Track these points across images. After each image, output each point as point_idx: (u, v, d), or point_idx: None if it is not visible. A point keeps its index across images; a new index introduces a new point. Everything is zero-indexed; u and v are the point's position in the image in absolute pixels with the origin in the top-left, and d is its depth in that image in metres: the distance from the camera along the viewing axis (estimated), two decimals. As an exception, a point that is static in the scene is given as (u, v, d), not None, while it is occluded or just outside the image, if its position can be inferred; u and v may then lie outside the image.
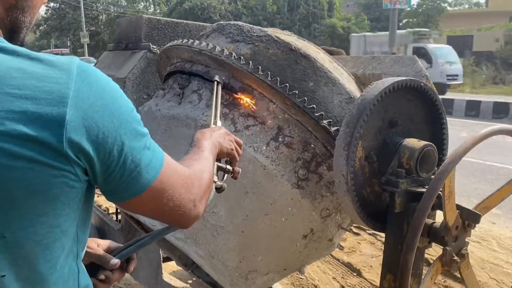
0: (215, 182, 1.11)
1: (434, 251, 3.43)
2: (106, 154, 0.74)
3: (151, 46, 2.81)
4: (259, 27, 2.02)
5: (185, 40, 1.96)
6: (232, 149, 1.23)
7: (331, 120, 1.75)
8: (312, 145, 1.79)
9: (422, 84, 1.69)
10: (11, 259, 0.73)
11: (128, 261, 1.06)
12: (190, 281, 3.02)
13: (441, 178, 1.34)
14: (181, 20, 3.11)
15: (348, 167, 1.54)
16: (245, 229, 1.79)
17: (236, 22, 2.03)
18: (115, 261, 1.00)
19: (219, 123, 1.45)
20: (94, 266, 1.00)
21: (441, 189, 1.40)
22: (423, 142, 1.61)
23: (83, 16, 35.82)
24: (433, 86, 1.88)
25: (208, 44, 1.84)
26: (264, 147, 1.75)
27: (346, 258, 4.14)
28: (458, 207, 1.51)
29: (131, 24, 3.12)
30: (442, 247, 1.51)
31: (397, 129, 1.72)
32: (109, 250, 1.06)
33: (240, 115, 1.77)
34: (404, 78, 1.64)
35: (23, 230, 0.72)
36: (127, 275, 1.09)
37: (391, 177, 1.60)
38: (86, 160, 0.73)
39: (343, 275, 3.87)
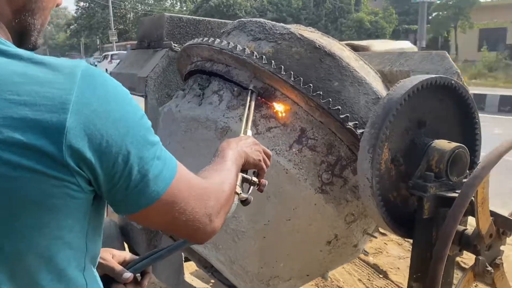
0: (238, 194, 1.06)
1: (466, 254, 3.31)
2: (110, 163, 0.70)
3: (173, 44, 2.78)
4: (282, 24, 1.95)
5: (206, 38, 1.92)
6: (259, 160, 1.17)
7: (357, 122, 1.67)
8: (337, 148, 1.72)
9: (453, 81, 1.60)
10: (11, 271, 0.70)
11: (143, 274, 1.02)
12: (211, 282, 2.99)
13: (474, 184, 1.25)
14: (203, 18, 3.07)
15: (373, 170, 1.47)
16: (267, 235, 1.74)
17: (258, 19, 1.97)
18: (128, 275, 0.96)
19: (249, 132, 1.40)
20: (108, 278, 0.97)
21: (473, 195, 1.31)
22: (453, 144, 1.52)
23: (111, 14, 36.48)
24: (464, 83, 1.78)
25: (229, 43, 1.79)
26: (286, 150, 1.69)
27: (372, 259, 4.04)
28: (493, 213, 1.42)
29: (153, 22, 3.10)
30: (475, 257, 1.42)
31: (426, 129, 1.63)
32: (124, 262, 1.02)
33: (262, 116, 1.72)
34: (433, 75, 1.55)
35: (24, 241, 0.69)
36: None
37: (419, 180, 1.52)
38: (89, 170, 0.69)
39: (369, 277, 3.78)
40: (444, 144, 1.54)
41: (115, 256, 1.02)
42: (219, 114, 1.74)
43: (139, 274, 1.01)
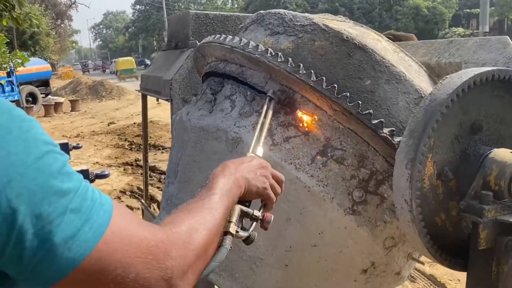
0: (233, 234, 0.85)
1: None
2: None
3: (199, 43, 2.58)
4: (305, 14, 1.69)
5: (217, 36, 1.69)
6: (265, 188, 0.96)
7: (394, 128, 1.38)
8: (371, 160, 1.43)
9: (516, 75, 1.26)
10: None
11: None
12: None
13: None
14: (232, 13, 2.86)
15: (413, 191, 1.17)
16: (289, 263, 1.49)
17: (277, 10, 1.72)
18: None
19: (259, 151, 1.16)
20: None
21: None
22: (518, 154, 1.20)
23: (166, 15, 37.33)
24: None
25: (241, 40, 1.56)
26: (308, 164, 1.42)
27: (429, 269, 3.66)
28: None
29: (180, 21, 2.92)
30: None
31: (482, 135, 1.31)
32: None
33: (279, 124, 1.46)
34: (489, 68, 1.23)
35: None
36: None
37: (473, 202, 1.20)
38: None
39: (425, 290, 3.42)
40: (505, 155, 1.21)
41: None
42: (230, 123, 1.51)
43: None
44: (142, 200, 3.89)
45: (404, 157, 1.19)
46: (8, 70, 12.09)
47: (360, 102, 1.37)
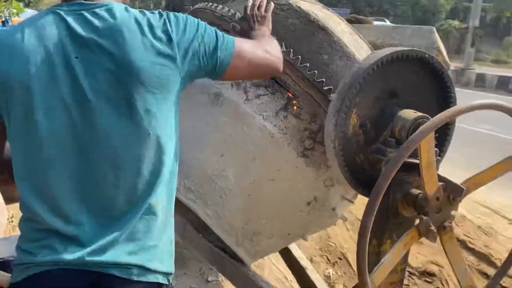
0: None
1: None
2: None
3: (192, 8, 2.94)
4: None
5: (210, 4, 2.07)
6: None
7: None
8: (320, 117, 1.85)
9: (426, 55, 1.68)
10: None
11: None
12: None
13: (409, 147, 1.37)
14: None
15: (337, 133, 1.60)
16: (252, 193, 1.93)
17: None
18: None
19: None
20: None
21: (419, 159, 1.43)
22: (418, 114, 1.62)
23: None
24: (446, 58, 1.85)
25: (229, 10, 1.94)
26: (273, 116, 1.85)
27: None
28: (442, 179, 1.53)
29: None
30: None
31: (398, 100, 1.74)
32: None
33: (252, 84, 1.88)
34: (405, 48, 1.65)
35: None
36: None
37: (381, 146, 1.64)
38: None
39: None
40: (409, 114, 1.64)
41: None
42: (212, 82, 1.92)
43: None
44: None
45: (333, 108, 1.61)
46: (3, 19, 12.17)
47: (316, 72, 1.78)
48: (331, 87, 1.78)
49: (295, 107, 1.85)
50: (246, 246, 2.12)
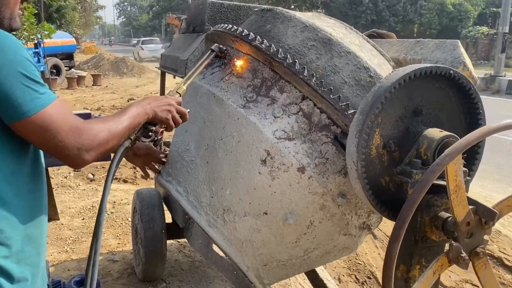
0: (131, 138, 1.41)
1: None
2: None
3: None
4: (300, 16, 2.02)
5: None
6: (167, 118, 1.46)
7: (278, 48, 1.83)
8: (260, 71, 1.90)
9: (451, 71, 1.61)
10: None
11: None
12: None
13: (435, 171, 1.29)
14: (244, 4, 3.20)
15: (359, 154, 1.54)
16: (209, 159, 1.93)
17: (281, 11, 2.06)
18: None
19: (183, 88, 1.74)
20: None
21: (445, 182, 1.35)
22: (444, 133, 1.55)
23: (189, -3, 37.47)
24: (473, 72, 1.77)
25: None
26: (218, 81, 1.97)
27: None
28: (473, 202, 1.44)
29: (198, 7, 3.28)
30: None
31: (423, 118, 1.67)
32: None
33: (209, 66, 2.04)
34: (428, 65, 1.58)
35: None
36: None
37: (406, 167, 1.57)
38: None
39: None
40: (434, 133, 1.57)
41: None
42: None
43: None
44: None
45: (354, 129, 1.55)
46: (36, 41, 12.58)
47: (251, 33, 1.88)
48: (264, 40, 1.86)
49: (237, 69, 1.95)
50: (220, 228, 1.93)
